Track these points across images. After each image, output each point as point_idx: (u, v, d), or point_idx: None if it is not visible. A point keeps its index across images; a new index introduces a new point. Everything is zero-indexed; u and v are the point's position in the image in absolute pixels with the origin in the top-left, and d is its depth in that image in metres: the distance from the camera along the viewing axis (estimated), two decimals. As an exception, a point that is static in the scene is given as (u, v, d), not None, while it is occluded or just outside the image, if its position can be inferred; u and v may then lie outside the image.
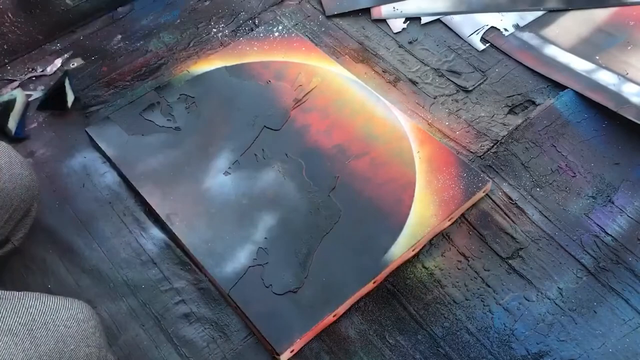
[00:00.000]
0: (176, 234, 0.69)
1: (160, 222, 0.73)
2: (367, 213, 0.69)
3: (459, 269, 0.68)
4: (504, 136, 0.78)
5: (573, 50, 0.86)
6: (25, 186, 0.64)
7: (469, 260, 0.68)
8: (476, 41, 0.89)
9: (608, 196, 0.72)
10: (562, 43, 0.87)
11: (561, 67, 0.84)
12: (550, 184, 0.74)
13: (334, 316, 0.64)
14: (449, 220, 0.70)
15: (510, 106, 0.82)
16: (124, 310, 0.66)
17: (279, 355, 0.61)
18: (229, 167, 0.74)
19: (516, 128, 0.79)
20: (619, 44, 0.85)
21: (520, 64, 0.86)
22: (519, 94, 0.83)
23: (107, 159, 0.79)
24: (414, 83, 0.85)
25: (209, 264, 0.66)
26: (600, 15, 0.89)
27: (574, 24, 0.89)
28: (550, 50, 0.86)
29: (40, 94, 0.87)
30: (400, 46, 0.90)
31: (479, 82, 0.85)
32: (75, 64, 0.91)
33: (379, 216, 0.69)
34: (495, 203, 0.73)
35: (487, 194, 0.73)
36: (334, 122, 0.78)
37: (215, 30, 0.94)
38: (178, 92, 0.83)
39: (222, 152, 0.76)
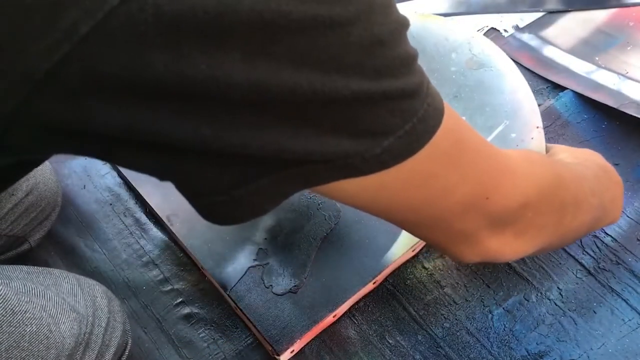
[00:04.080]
0: (176, 234, 0.69)
1: (160, 223, 0.73)
2: (367, 213, 0.69)
3: (458, 270, 0.68)
4: (504, 137, 0.78)
5: (573, 51, 0.86)
6: (53, 190, 0.69)
7: (468, 261, 0.68)
8: (476, 42, 0.89)
9: (608, 196, 0.72)
10: (561, 44, 0.87)
11: (561, 68, 0.84)
12: (550, 184, 0.74)
13: (334, 316, 0.64)
14: (448, 221, 0.70)
15: (510, 107, 0.82)
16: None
17: (279, 355, 0.61)
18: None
19: (516, 129, 0.79)
20: (618, 44, 0.85)
21: (520, 65, 0.86)
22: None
23: (108, 160, 0.79)
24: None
25: (209, 265, 0.66)
26: (599, 16, 0.89)
27: (574, 25, 0.89)
28: (550, 51, 0.86)
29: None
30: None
31: (479, 83, 0.85)
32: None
33: (378, 217, 0.69)
34: (495, 203, 0.73)
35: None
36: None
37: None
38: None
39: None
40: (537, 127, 0.65)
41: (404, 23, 0.30)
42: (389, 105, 0.29)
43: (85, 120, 0.26)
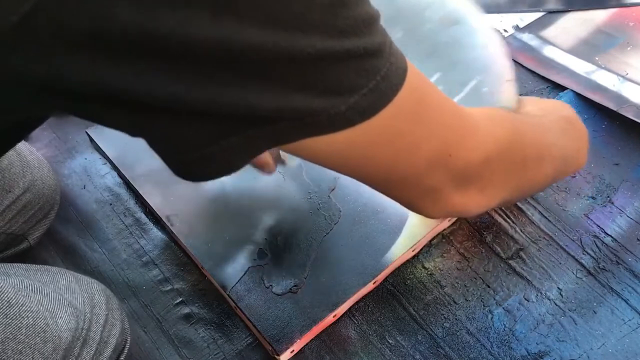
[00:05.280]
0: (176, 234, 0.69)
1: (160, 223, 0.73)
2: (367, 213, 0.69)
3: (458, 270, 0.68)
4: (504, 137, 0.78)
5: (572, 51, 0.86)
6: (52, 188, 0.69)
7: (468, 261, 0.68)
8: (476, 42, 0.89)
9: (608, 196, 0.72)
10: (561, 44, 0.87)
11: (561, 68, 0.84)
12: (550, 184, 0.74)
13: (334, 316, 0.64)
14: (448, 221, 0.70)
15: (510, 107, 0.82)
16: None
17: (278, 355, 0.61)
18: (230, 168, 0.75)
19: (516, 129, 0.79)
20: (618, 45, 0.85)
21: (520, 65, 0.86)
22: (518, 95, 0.83)
23: (108, 160, 0.79)
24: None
25: (209, 265, 0.66)
26: (599, 16, 0.89)
27: (574, 25, 0.89)
28: (550, 51, 0.86)
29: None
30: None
31: (479, 83, 0.85)
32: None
33: (379, 216, 0.69)
34: (495, 203, 0.73)
35: (487, 195, 0.73)
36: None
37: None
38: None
39: (223, 153, 0.76)
40: (508, 80, 0.66)
41: None
42: (353, 64, 0.30)
43: (54, 75, 0.26)
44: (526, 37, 0.89)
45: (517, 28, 0.90)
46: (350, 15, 0.29)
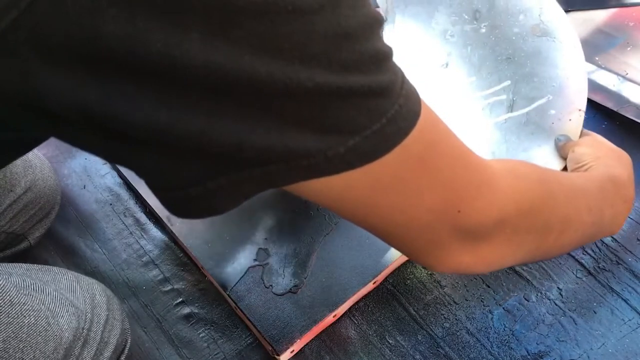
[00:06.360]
0: (176, 234, 0.69)
1: (160, 223, 0.73)
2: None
3: (458, 270, 0.68)
4: (504, 137, 0.78)
5: (573, 51, 0.86)
6: (52, 188, 0.69)
7: (468, 261, 0.68)
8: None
9: (608, 197, 0.72)
10: (561, 44, 0.87)
11: (561, 68, 0.84)
12: (550, 184, 0.74)
13: (334, 316, 0.64)
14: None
15: (510, 107, 0.82)
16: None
17: (279, 355, 0.61)
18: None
19: (516, 129, 0.79)
20: (618, 45, 0.85)
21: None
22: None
23: (108, 160, 0.79)
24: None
25: (209, 265, 0.66)
26: (599, 16, 0.89)
27: (574, 25, 0.89)
28: (550, 52, 0.86)
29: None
30: (400, 48, 0.90)
31: (479, 83, 0.85)
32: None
33: (378, 217, 0.69)
34: (495, 204, 0.73)
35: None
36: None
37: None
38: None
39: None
40: (579, 110, 0.63)
41: (376, 19, 0.28)
42: (356, 103, 0.27)
43: (37, 95, 0.24)
44: (526, 37, 0.89)
45: (517, 28, 0.90)
46: (357, 50, 0.27)
